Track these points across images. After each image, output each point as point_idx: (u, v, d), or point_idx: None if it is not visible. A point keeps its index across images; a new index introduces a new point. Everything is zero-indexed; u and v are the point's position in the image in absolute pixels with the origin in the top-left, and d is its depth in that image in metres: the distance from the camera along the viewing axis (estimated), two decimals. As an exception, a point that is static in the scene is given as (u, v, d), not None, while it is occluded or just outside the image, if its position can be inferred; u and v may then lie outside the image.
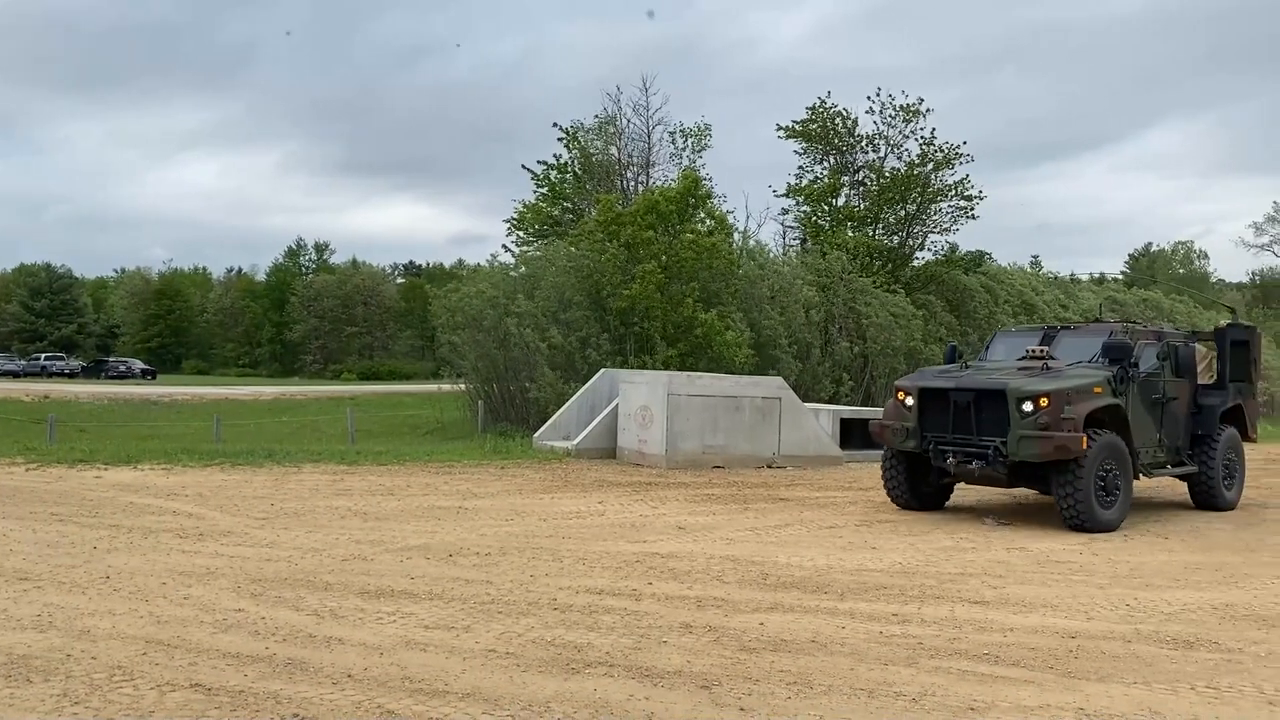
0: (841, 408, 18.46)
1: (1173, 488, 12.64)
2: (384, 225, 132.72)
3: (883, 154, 31.34)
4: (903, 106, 30.59)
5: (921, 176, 30.66)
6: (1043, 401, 9.66)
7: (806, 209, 32.82)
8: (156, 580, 6.71)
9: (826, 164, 32.21)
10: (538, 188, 33.10)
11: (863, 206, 32.09)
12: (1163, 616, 6.42)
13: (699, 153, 31.94)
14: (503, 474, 13.31)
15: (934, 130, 30.80)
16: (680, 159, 31.87)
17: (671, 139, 32.05)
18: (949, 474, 10.60)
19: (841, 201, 32.42)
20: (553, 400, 20.41)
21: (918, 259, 32.03)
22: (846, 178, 32.07)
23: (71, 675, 4.70)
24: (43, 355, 66.50)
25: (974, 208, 30.94)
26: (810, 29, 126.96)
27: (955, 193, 30.87)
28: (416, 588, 6.66)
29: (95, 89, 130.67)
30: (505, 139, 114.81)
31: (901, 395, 10.81)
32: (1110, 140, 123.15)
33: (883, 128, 30.97)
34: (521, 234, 33.18)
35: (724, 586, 6.96)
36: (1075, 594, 7.00)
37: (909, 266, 31.43)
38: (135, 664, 4.90)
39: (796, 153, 32.30)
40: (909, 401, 10.64)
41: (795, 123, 31.71)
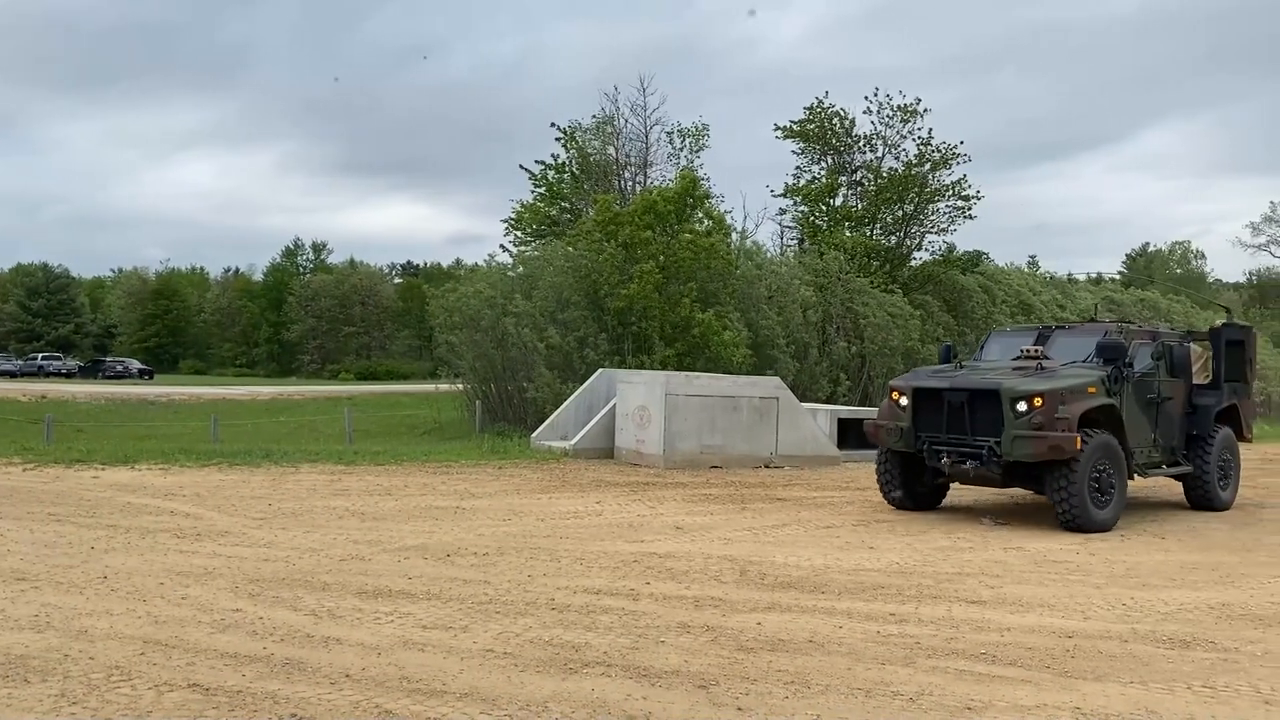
0: (839, 408, 18.49)
1: (1168, 488, 12.66)
2: (382, 225, 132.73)
3: (880, 154, 31.43)
4: (900, 107, 30.65)
5: (919, 176, 30.70)
6: (1037, 401, 9.67)
7: (804, 209, 32.89)
8: (154, 580, 6.71)
9: (824, 164, 32.26)
10: (535, 188, 33.14)
11: (860, 206, 32.13)
12: (1159, 616, 6.44)
13: (697, 153, 32.01)
14: (500, 474, 13.31)
15: (931, 130, 30.99)
16: (678, 159, 31.94)
17: (669, 139, 32.13)
18: (943, 474, 10.60)
19: (839, 201, 32.47)
20: (550, 400, 20.40)
21: (915, 259, 32.07)
22: (844, 178, 32.10)
23: (69, 675, 4.70)
24: (40, 355, 66.44)
25: (971, 208, 31.06)
26: (810, 29, 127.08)
27: (952, 193, 30.93)
28: (414, 588, 6.67)
29: (94, 89, 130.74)
30: (503, 139, 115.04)
31: (896, 395, 10.81)
32: (1109, 140, 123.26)
33: (880, 128, 31.04)
34: (519, 234, 33.21)
35: (721, 586, 6.97)
36: (1072, 594, 7.02)
37: (906, 266, 31.45)
38: (133, 664, 4.90)
39: (794, 153, 32.38)
40: (903, 401, 10.64)
41: (793, 123, 31.75)
